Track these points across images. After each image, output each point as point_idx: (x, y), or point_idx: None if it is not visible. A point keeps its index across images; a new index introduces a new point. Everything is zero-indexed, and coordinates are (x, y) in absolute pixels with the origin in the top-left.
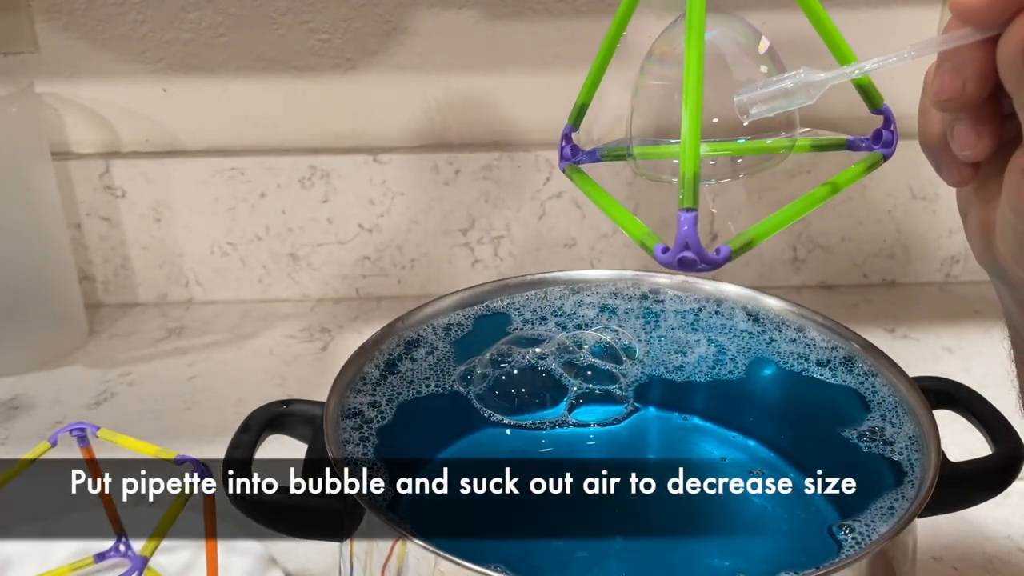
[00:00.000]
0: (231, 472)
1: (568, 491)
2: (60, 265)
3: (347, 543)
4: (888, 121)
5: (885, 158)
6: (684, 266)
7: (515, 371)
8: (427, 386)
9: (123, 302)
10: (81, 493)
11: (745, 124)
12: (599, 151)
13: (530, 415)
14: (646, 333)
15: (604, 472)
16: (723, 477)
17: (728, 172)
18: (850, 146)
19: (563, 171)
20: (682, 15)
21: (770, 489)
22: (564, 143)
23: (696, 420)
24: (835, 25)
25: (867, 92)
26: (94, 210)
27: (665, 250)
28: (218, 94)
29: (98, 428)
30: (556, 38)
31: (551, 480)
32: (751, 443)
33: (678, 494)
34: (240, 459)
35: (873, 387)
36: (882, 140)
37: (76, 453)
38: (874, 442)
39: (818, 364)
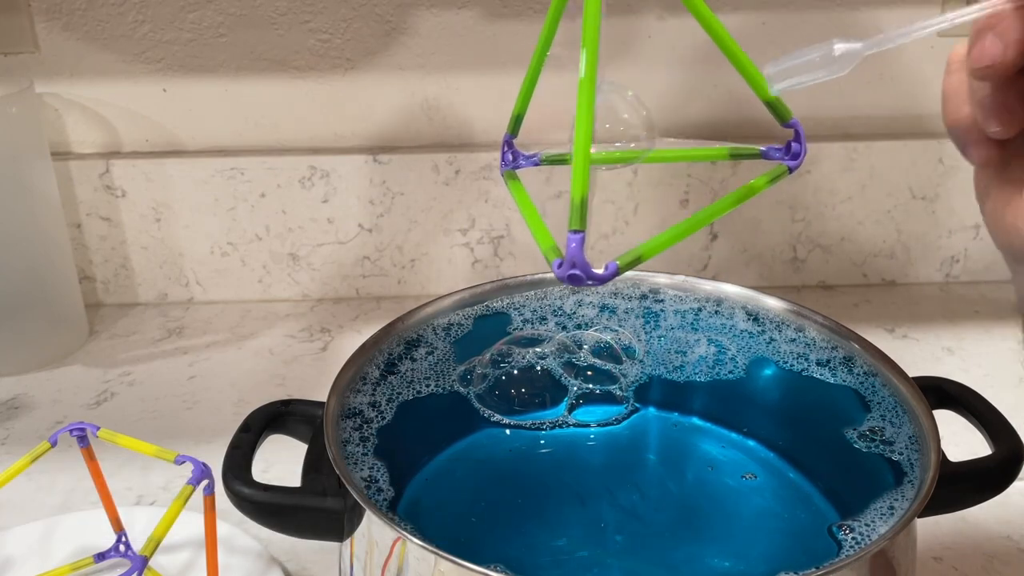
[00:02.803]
0: (231, 472)
1: (568, 491)
2: (60, 265)
3: (347, 543)
4: (797, 134)
5: (790, 170)
6: (573, 281)
7: (515, 371)
8: (427, 386)
9: (123, 302)
10: (81, 493)
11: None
12: (538, 156)
13: (530, 415)
14: (646, 333)
15: (604, 472)
16: (723, 477)
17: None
18: (764, 155)
19: (502, 176)
20: None
21: (763, 491)
22: (505, 149)
23: (696, 420)
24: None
25: (775, 107)
26: (94, 210)
27: (560, 265)
28: (218, 94)
29: (98, 428)
30: (556, 38)
31: (551, 480)
32: (751, 443)
33: (678, 494)
34: (240, 459)
35: (873, 387)
36: (791, 152)
37: (76, 453)
38: (874, 442)
39: (818, 364)
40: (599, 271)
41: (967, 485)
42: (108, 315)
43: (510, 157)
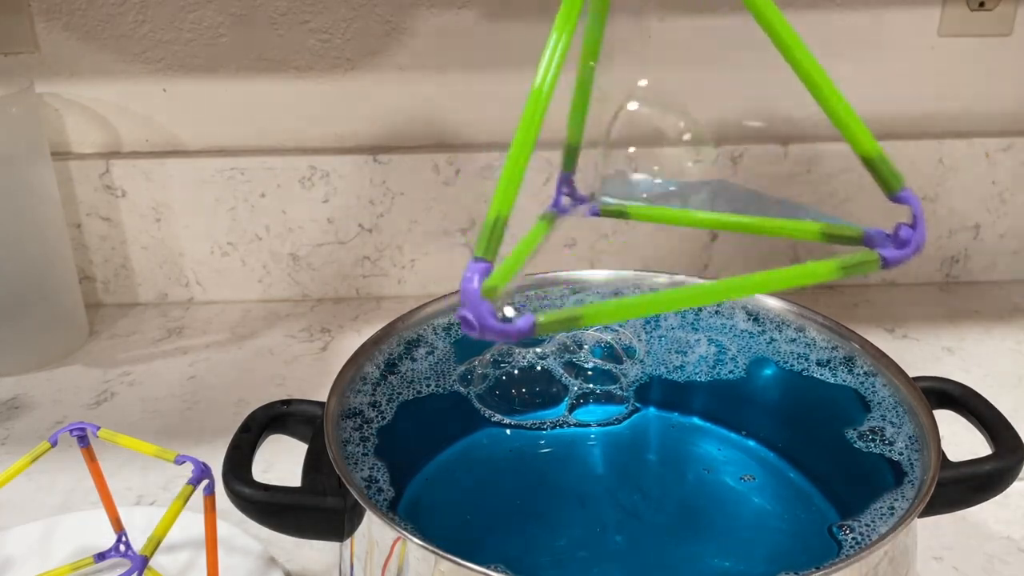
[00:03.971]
0: (231, 472)
1: (568, 491)
2: (60, 265)
3: (347, 543)
4: (914, 222)
5: (884, 264)
6: (466, 327)
7: (515, 371)
8: (427, 386)
9: (123, 302)
10: (81, 493)
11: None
12: (596, 207)
13: (530, 415)
14: (646, 333)
15: (604, 472)
16: (723, 477)
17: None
18: (867, 242)
19: (541, 216)
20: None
21: (764, 491)
22: (562, 189)
23: (696, 420)
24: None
25: (877, 167)
26: (94, 210)
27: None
28: (218, 94)
29: (98, 428)
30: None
31: (551, 480)
32: (751, 443)
33: (678, 494)
34: (240, 459)
35: (873, 387)
36: (898, 239)
37: (76, 453)
38: (874, 442)
39: (818, 364)
40: (510, 320)
41: (967, 485)
42: (108, 315)
43: (565, 200)
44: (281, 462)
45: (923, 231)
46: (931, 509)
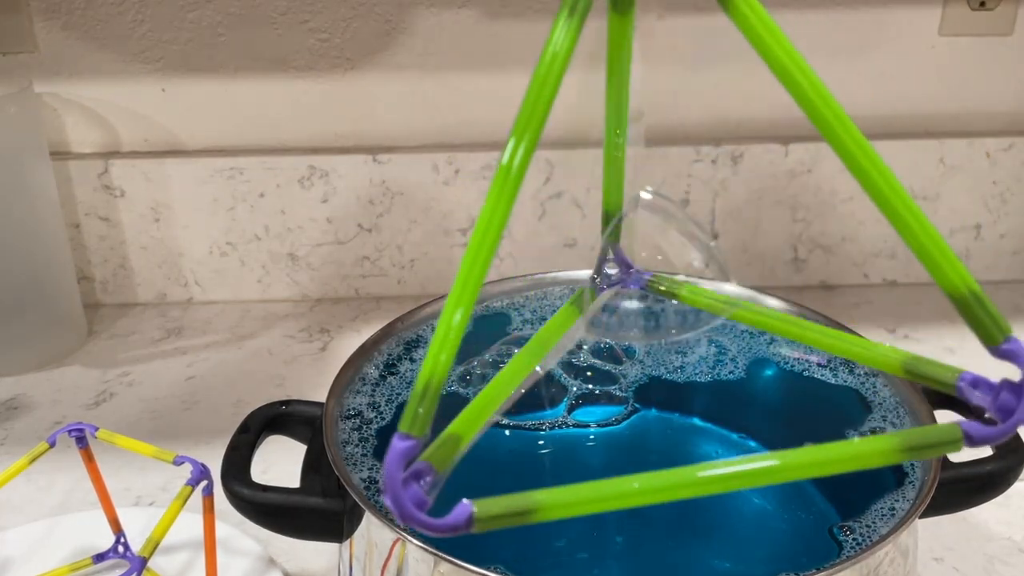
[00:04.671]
0: (230, 473)
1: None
2: (59, 265)
3: (347, 544)
4: (1016, 392)
5: (968, 441)
6: (395, 508)
7: None
8: None
9: (122, 302)
10: (80, 493)
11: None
12: (644, 276)
13: (529, 415)
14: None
15: (603, 473)
16: None
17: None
18: (959, 392)
19: (584, 291)
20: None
21: (764, 492)
22: (609, 258)
23: (696, 421)
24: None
25: (969, 310)
26: (93, 210)
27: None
28: (217, 94)
29: (97, 429)
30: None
31: (551, 480)
32: (752, 444)
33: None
34: (239, 460)
35: (874, 387)
36: (997, 405)
37: (75, 454)
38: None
39: (819, 365)
40: (435, 515)
41: (968, 486)
42: (107, 315)
43: (612, 273)
44: (280, 463)
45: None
46: (932, 510)
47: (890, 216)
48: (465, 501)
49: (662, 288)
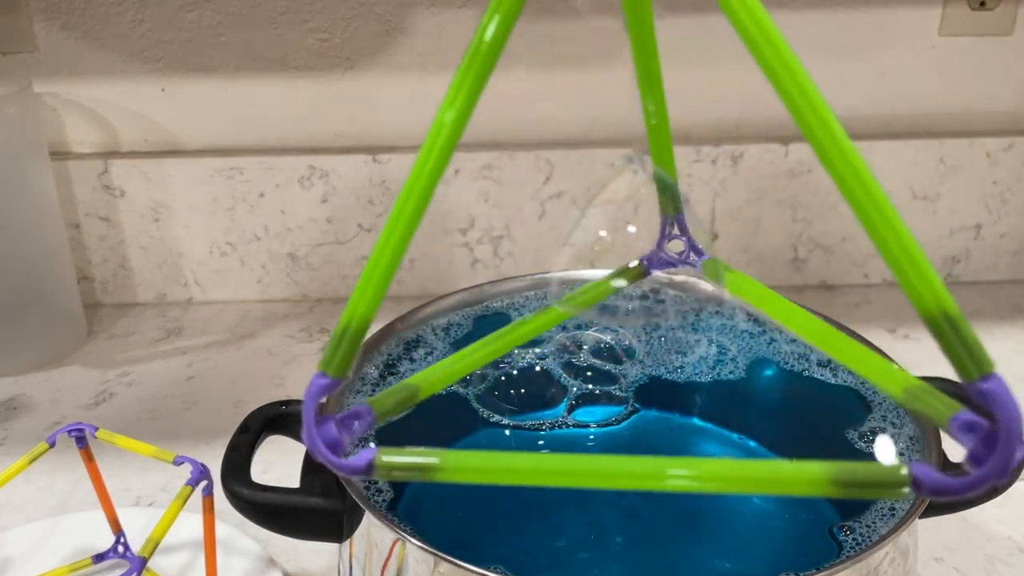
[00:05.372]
0: (230, 473)
1: (568, 492)
2: (59, 265)
3: (346, 544)
4: (993, 436)
5: (918, 488)
6: (312, 449)
7: (514, 371)
8: None
9: (122, 302)
10: (80, 494)
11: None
12: (703, 258)
13: (530, 415)
14: (646, 333)
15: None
16: None
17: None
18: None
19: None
20: None
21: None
22: (669, 234)
23: (696, 421)
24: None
25: (943, 336)
26: (93, 210)
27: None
28: (217, 93)
29: (96, 429)
30: (556, 38)
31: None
32: (752, 444)
33: (678, 495)
34: (239, 460)
35: (874, 388)
36: (986, 462)
37: (75, 454)
38: (875, 443)
39: (819, 364)
40: (347, 453)
41: None
42: (107, 315)
43: (671, 248)
44: (280, 463)
45: (1009, 455)
46: (932, 510)
47: (868, 227)
48: (372, 446)
49: (714, 273)
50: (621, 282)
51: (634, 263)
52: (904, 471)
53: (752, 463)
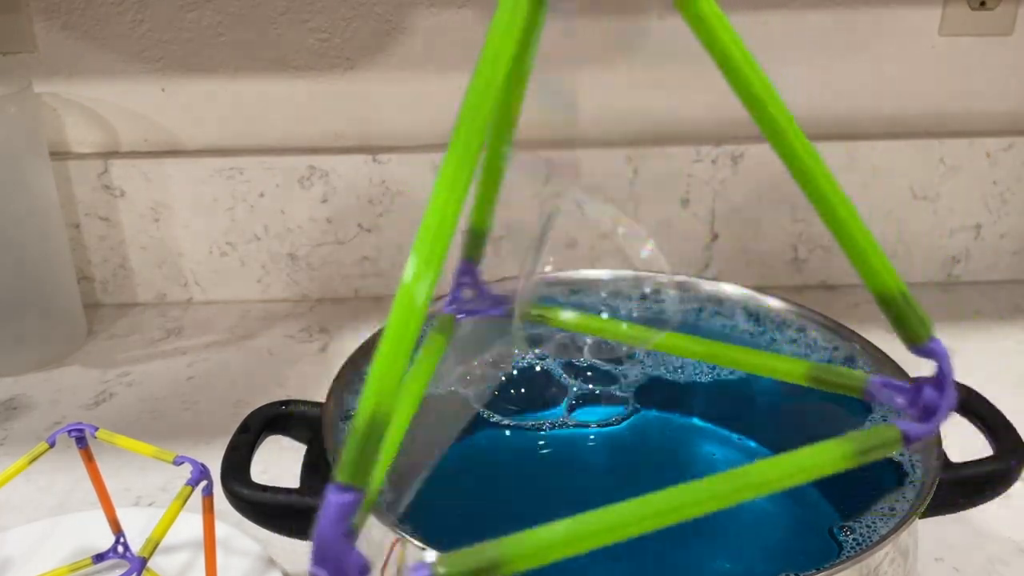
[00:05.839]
0: (230, 473)
1: (568, 492)
2: (59, 265)
3: None
4: (940, 375)
5: (907, 440)
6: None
7: (515, 372)
8: (426, 387)
9: (122, 302)
10: (79, 494)
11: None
12: (505, 308)
13: (530, 416)
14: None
15: (604, 473)
16: None
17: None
18: (870, 395)
19: (433, 320)
20: None
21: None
22: (462, 280)
23: (696, 421)
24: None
25: (895, 310)
26: (93, 210)
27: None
28: (217, 93)
29: (96, 429)
30: (556, 38)
31: (551, 481)
32: (752, 444)
33: None
34: (239, 460)
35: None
36: (919, 403)
37: (75, 454)
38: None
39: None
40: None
41: (968, 486)
42: (107, 315)
43: (467, 296)
44: (280, 463)
45: (952, 395)
46: (932, 510)
47: (826, 215)
48: (428, 559)
49: (534, 316)
50: (441, 347)
51: (441, 316)
52: (896, 430)
53: (777, 461)
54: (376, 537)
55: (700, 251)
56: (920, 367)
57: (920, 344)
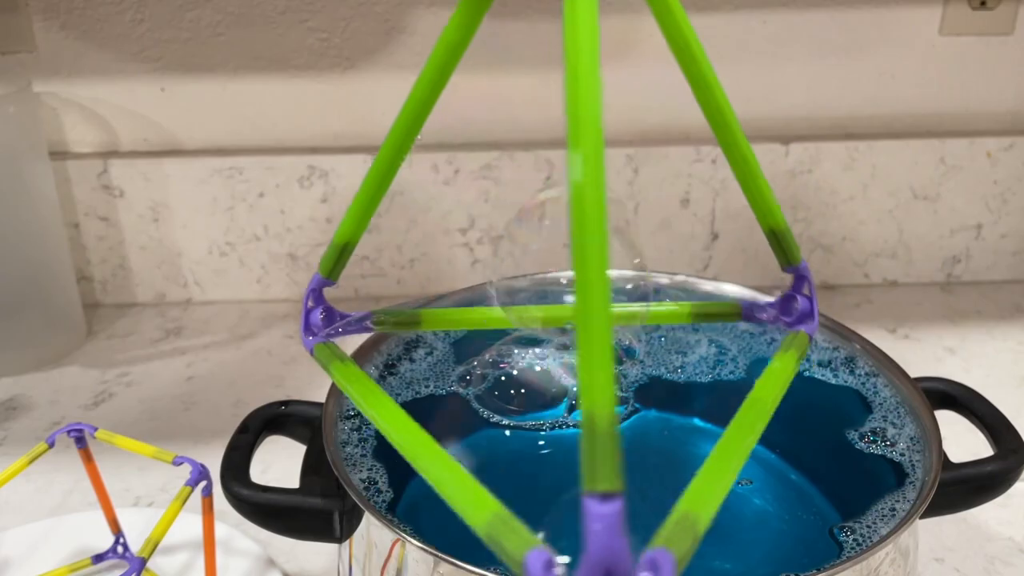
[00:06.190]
0: (229, 473)
1: (568, 492)
2: (58, 265)
3: (346, 545)
4: (801, 282)
5: (747, 316)
6: None
7: (515, 372)
8: (426, 387)
9: (121, 302)
10: (79, 494)
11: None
12: (371, 317)
13: (530, 416)
14: (646, 333)
15: None
16: None
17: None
18: (747, 317)
19: (310, 352)
20: None
21: (764, 493)
22: (312, 303)
23: (697, 421)
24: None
25: (780, 241)
26: (92, 210)
27: (549, 567)
28: (216, 93)
29: (96, 429)
30: (556, 38)
31: (551, 481)
32: None
33: (679, 495)
34: (238, 460)
35: (874, 388)
36: (795, 312)
37: (74, 454)
38: (875, 443)
39: (819, 365)
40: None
41: (969, 486)
42: (106, 315)
43: (319, 319)
44: (279, 463)
45: (815, 296)
46: (932, 510)
47: (735, 162)
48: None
49: (393, 323)
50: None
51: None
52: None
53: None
54: (376, 537)
55: (700, 251)
56: (920, 368)
57: (795, 265)
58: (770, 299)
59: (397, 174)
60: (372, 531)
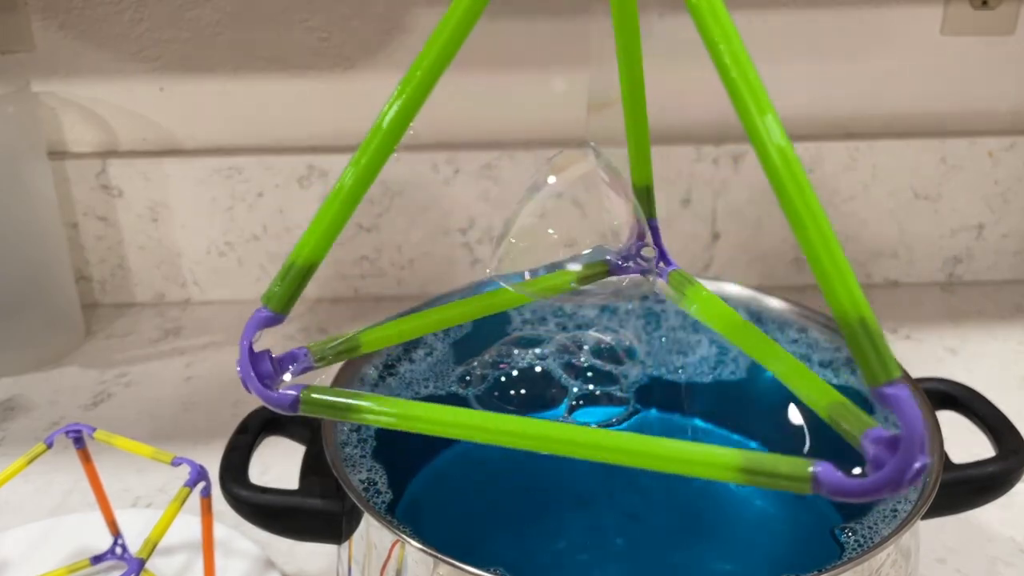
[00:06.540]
0: (228, 474)
1: (568, 493)
2: (57, 265)
3: (345, 546)
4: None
5: (817, 486)
6: None
7: (515, 372)
8: (426, 387)
9: (120, 302)
10: (77, 495)
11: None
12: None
13: (530, 416)
14: (647, 334)
15: (604, 474)
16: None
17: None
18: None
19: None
20: None
21: (765, 493)
22: (641, 243)
23: (698, 421)
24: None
25: (857, 340)
26: (91, 210)
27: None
28: (216, 93)
29: (94, 429)
30: (556, 38)
31: (551, 482)
32: (753, 444)
33: (679, 496)
34: (237, 461)
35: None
36: (886, 466)
37: (73, 455)
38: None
39: (821, 365)
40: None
41: (970, 487)
42: (105, 315)
43: (646, 255)
44: (278, 464)
45: (912, 459)
46: (934, 511)
47: (796, 226)
48: (297, 385)
49: (672, 290)
50: (577, 276)
51: (597, 260)
52: (809, 469)
53: (667, 442)
54: (375, 538)
55: (701, 251)
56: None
57: (876, 386)
58: (887, 433)
59: (396, 174)
60: (371, 532)
